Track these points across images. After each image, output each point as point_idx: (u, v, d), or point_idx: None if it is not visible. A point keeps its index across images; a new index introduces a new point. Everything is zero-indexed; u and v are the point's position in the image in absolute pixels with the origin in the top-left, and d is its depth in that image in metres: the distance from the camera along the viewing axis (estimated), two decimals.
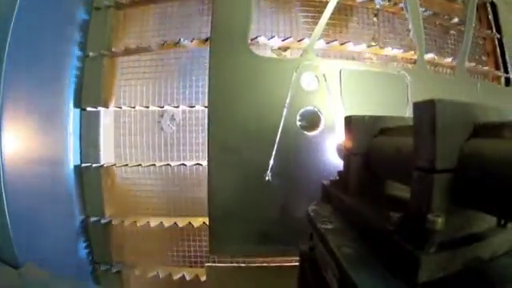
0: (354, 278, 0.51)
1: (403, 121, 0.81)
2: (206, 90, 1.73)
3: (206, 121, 1.71)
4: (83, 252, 2.07)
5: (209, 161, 1.69)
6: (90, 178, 2.05)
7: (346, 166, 0.90)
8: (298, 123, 1.69)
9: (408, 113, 1.77)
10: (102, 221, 2.02)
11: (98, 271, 2.08)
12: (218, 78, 1.70)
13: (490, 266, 0.51)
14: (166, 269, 2.04)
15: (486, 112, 0.52)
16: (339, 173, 0.96)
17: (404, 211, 0.54)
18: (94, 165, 2.02)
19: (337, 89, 1.72)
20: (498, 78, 2.36)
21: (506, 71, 2.31)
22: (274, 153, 1.65)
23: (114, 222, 2.02)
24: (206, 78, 1.74)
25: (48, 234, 1.87)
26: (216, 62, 1.70)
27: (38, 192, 1.84)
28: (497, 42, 2.38)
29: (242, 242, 1.71)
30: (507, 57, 2.32)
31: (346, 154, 0.88)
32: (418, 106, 0.51)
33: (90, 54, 2.05)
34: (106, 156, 2.08)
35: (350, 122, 0.86)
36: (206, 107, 1.77)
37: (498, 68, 2.35)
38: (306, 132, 1.69)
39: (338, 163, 1.04)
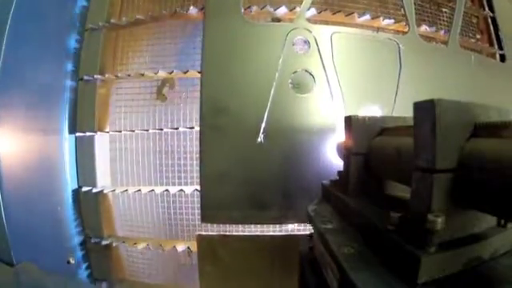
0: (354, 278, 0.51)
1: (403, 121, 0.81)
2: (200, 57, 1.77)
3: (199, 86, 1.74)
4: (74, 224, 2.09)
5: (201, 125, 1.70)
6: (83, 147, 2.08)
7: (345, 165, 0.89)
8: (290, 86, 1.71)
9: (401, 78, 1.80)
10: (94, 190, 2.03)
11: (89, 244, 2.10)
12: (212, 44, 1.74)
13: (490, 265, 0.51)
14: (156, 241, 2.05)
15: (486, 112, 0.52)
16: (339, 173, 0.95)
17: (404, 211, 0.54)
18: (88, 133, 2.05)
19: (328, 52, 1.74)
20: (493, 56, 2.37)
21: (501, 48, 2.31)
22: (266, 114, 1.67)
23: (105, 191, 2.04)
24: (201, 44, 1.78)
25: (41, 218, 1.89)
26: (210, 30, 1.75)
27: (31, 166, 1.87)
28: (490, 20, 2.39)
29: (234, 208, 1.70)
30: (501, 34, 2.32)
31: (346, 154, 0.88)
32: (418, 106, 0.51)
33: (90, 25, 2.10)
34: (101, 126, 2.11)
35: (350, 121, 0.85)
36: (199, 72, 1.80)
37: (491, 46, 2.36)
38: (297, 94, 1.71)
39: (337, 163, 1.04)
